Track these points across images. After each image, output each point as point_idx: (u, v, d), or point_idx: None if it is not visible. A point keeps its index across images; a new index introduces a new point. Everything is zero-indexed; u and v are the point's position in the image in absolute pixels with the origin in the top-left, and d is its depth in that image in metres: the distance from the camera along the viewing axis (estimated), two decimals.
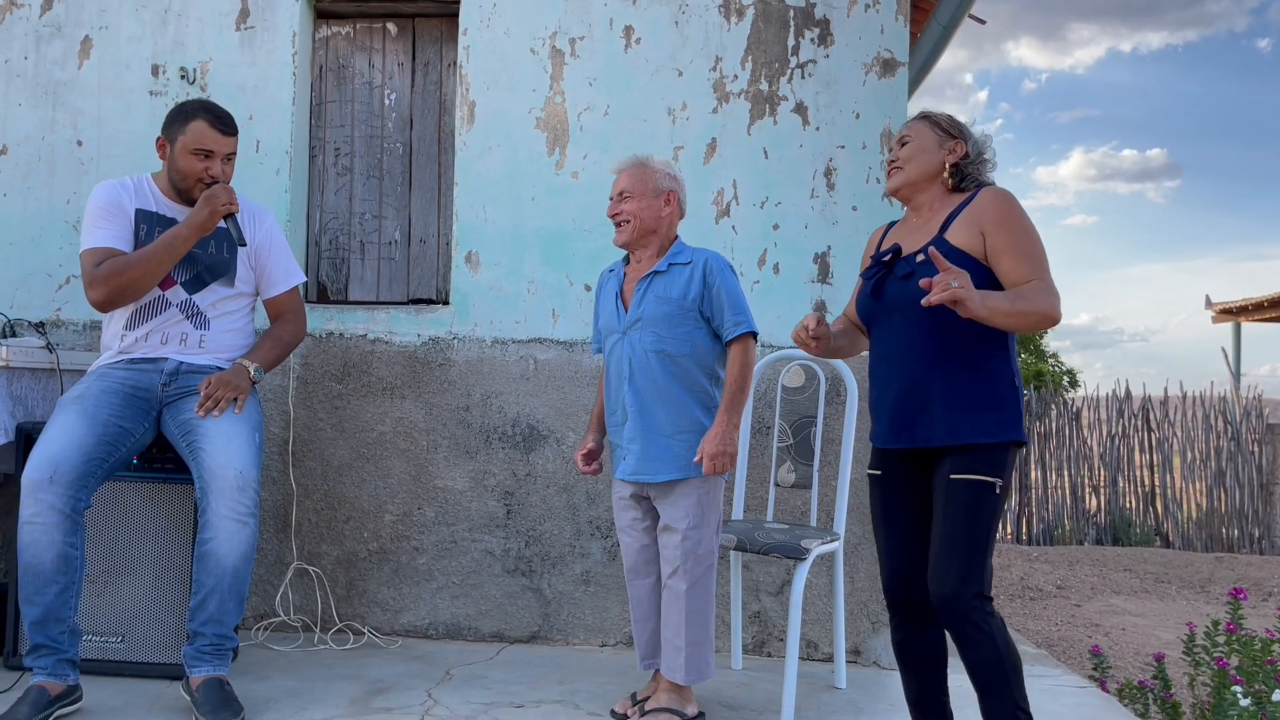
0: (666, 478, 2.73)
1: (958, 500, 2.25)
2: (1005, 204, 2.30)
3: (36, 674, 2.63)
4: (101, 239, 2.84)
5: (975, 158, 2.42)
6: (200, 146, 2.87)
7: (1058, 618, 5.64)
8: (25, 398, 3.13)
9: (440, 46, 3.89)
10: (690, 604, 2.70)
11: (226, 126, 2.93)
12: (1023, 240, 2.26)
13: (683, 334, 2.74)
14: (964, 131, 2.43)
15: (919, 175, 2.42)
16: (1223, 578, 7.09)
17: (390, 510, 3.64)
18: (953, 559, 2.23)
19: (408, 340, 3.66)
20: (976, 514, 2.24)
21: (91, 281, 2.79)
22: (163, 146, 2.95)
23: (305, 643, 3.49)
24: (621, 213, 2.81)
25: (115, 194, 2.90)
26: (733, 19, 3.62)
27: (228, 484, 2.70)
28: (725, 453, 2.65)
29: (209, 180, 2.88)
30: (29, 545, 2.61)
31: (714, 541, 2.77)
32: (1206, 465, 9.10)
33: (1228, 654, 3.46)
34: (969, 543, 2.23)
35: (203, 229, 2.82)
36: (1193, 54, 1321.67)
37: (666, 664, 2.74)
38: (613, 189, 2.86)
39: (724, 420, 2.68)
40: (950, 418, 2.28)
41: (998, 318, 2.18)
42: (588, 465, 2.92)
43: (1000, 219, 2.28)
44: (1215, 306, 14.26)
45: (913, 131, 2.45)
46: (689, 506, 2.72)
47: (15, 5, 3.79)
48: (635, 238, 2.81)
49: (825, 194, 3.58)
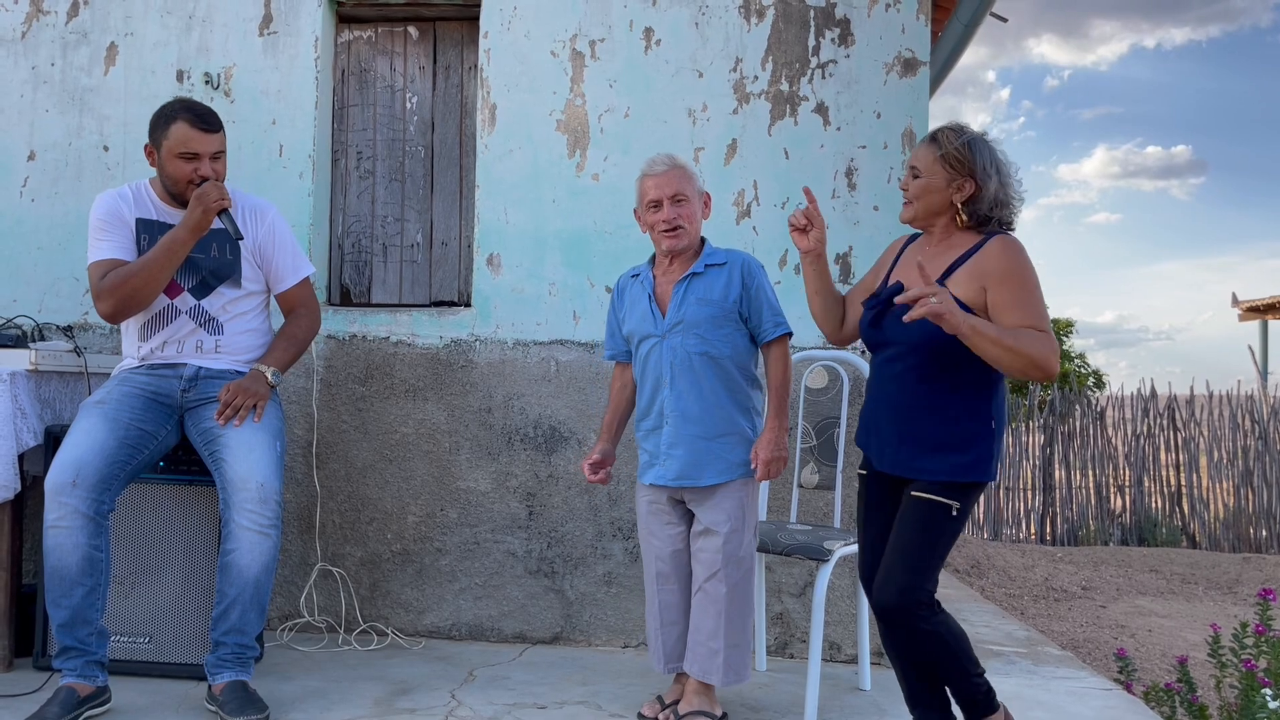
0: (712, 481, 2.72)
1: (913, 515, 2.33)
2: (1011, 259, 2.28)
3: (65, 675, 2.66)
4: (105, 251, 2.84)
5: (989, 199, 2.33)
6: (185, 150, 2.82)
7: (1083, 619, 5.60)
8: (54, 401, 3.17)
9: (461, 50, 3.90)
10: (731, 606, 2.69)
11: (209, 124, 2.86)
12: (1023, 294, 2.25)
13: (724, 335, 2.74)
14: (975, 167, 2.32)
15: (925, 213, 2.41)
16: (1250, 578, 7.02)
17: (413, 511, 3.65)
18: (897, 569, 2.31)
19: (430, 342, 3.68)
20: (929, 531, 2.31)
21: (98, 294, 2.80)
22: (150, 154, 2.91)
23: (330, 643, 3.51)
24: (679, 217, 2.75)
25: (115, 205, 2.89)
26: (753, 20, 3.62)
27: (249, 496, 2.71)
28: (779, 458, 2.69)
29: (199, 181, 2.83)
30: (54, 549, 2.64)
31: (753, 544, 2.78)
32: (1233, 465, 9.00)
33: (1256, 656, 3.43)
34: (916, 556, 2.31)
35: (199, 229, 2.78)
36: (1217, 50, 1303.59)
37: (700, 666, 2.73)
38: (655, 191, 2.76)
39: (775, 425, 2.71)
40: (919, 456, 2.34)
41: (982, 341, 2.19)
42: (595, 474, 2.87)
43: (1004, 274, 2.27)
44: (1242, 304, 14.11)
45: (922, 165, 2.38)
46: (730, 509, 2.72)
47: (42, 13, 3.84)
48: (689, 243, 2.78)
49: (846, 194, 3.57)
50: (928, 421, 2.34)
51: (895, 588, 2.29)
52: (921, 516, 2.31)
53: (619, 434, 2.96)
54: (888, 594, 2.30)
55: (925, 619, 2.28)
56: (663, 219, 2.74)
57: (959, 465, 2.31)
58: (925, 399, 2.34)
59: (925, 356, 2.32)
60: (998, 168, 2.34)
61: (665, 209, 2.74)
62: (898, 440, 2.38)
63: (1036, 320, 2.23)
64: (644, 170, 2.83)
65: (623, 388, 2.95)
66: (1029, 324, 2.22)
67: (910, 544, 2.31)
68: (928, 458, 2.33)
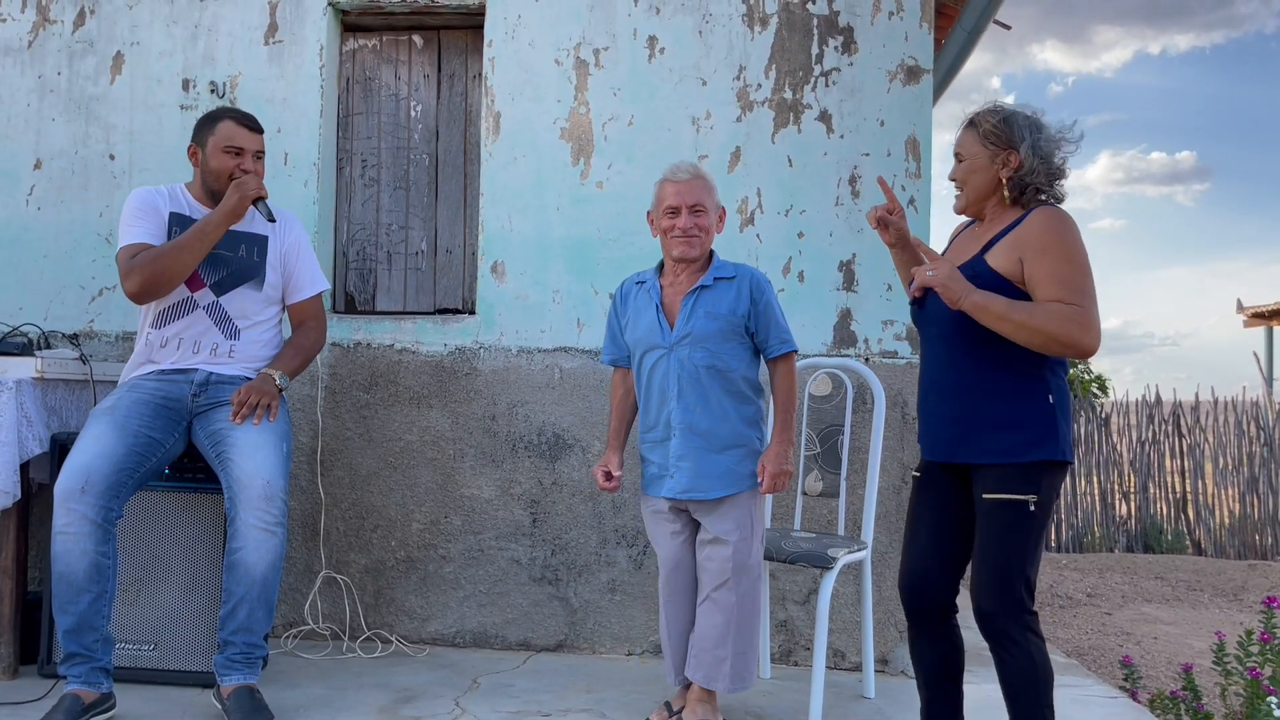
0: (720, 494, 2.72)
1: (990, 519, 2.27)
2: (1051, 229, 2.21)
3: (70, 682, 2.67)
4: (137, 235, 2.91)
5: (1034, 167, 2.28)
6: (231, 144, 2.96)
7: (1088, 626, 5.59)
8: (60, 408, 3.18)
9: (465, 58, 3.91)
10: (740, 614, 2.69)
11: (252, 125, 3.04)
12: (1061, 265, 2.18)
13: (731, 349, 2.74)
14: (1016, 137, 2.28)
15: (976, 196, 2.36)
16: (1256, 585, 6.99)
17: (418, 519, 3.66)
18: (987, 576, 2.25)
19: (434, 350, 3.69)
20: (1008, 532, 2.24)
21: (127, 273, 2.86)
22: (194, 154, 3.03)
23: (334, 651, 3.51)
24: (695, 226, 2.74)
25: (150, 197, 2.99)
26: (756, 28, 3.63)
27: (256, 494, 2.73)
28: (785, 472, 2.71)
29: (240, 175, 2.95)
30: (61, 555, 2.65)
31: (760, 552, 2.78)
32: (1239, 471, 8.97)
33: (1261, 664, 3.42)
34: (1001, 560, 2.24)
35: (234, 214, 2.89)
36: (1221, 56, 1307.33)
37: (705, 673, 2.72)
38: (675, 198, 2.74)
39: (781, 438, 2.72)
40: (974, 436, 2.28)
41: (987, 317, 2.18)
42: (608, 482, 2.86)
43: (1043, 245, 2.20)
44: (1247, 310, 14.09)
45: (964, 147, 2.36)
46: (739, 519, 2.72)
47: (49, 22, 3.85)
48: (700, 253, 2.78)
49: (850, 202, 3.57)
50: (980, 399, 2.27)
51: (990, 593, 2.23)
52: (996, 520, 2.24)
53: (625, 441, 2.96)
54: (985, 601, 2.23)
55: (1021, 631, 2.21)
56: (679, 226, 2.73)
57: (1019, 443, 2.22)
58: (973, 377, 2.28)
59: (966, 333, 2.26)
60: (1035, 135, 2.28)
61: (683, 216, 2.73)
62: (951, 422, 2.31)
63: (1070, 294, 2.15)
64: (666, 175, 2.81)
65: (625, 394, 2.94)
66: (1060, 298, 2.15)
67: (991, 549, 2.24)
68: (984, 437, 2.25)
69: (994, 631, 2.24)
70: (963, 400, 2.31)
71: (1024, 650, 2.21)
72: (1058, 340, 2.15)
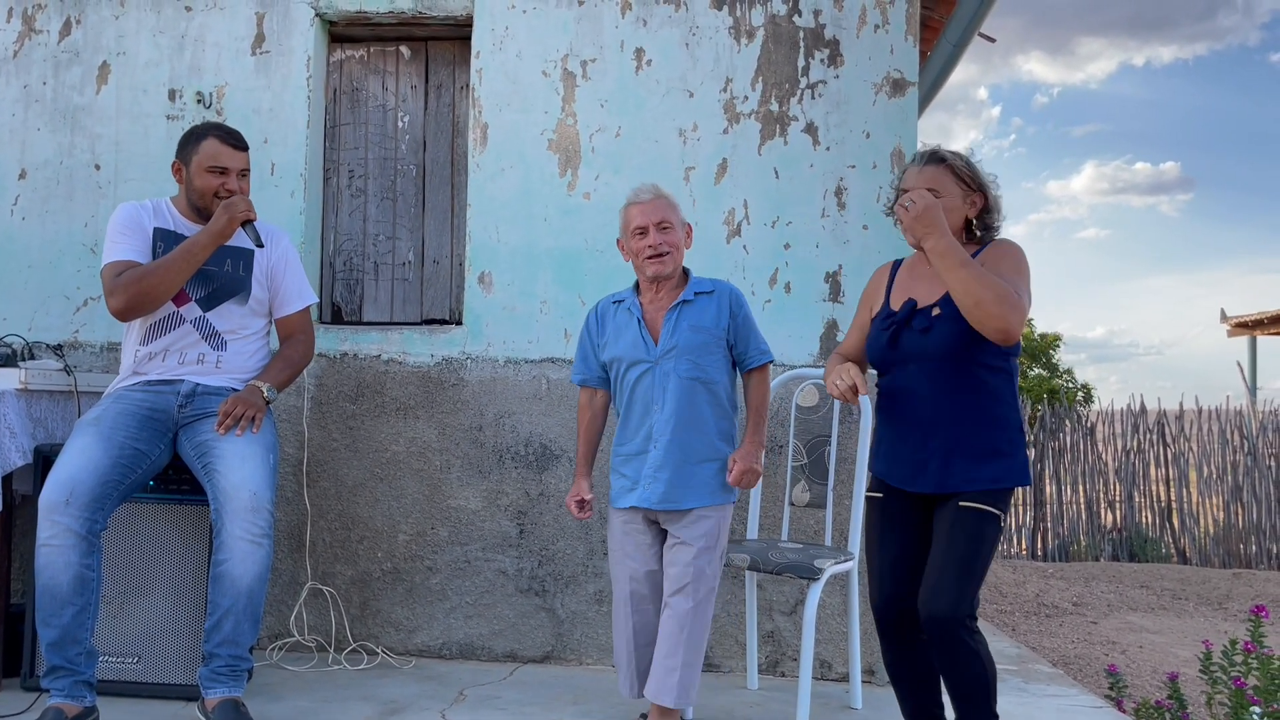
0: (694, 505, 2.77)
1: (964, 526, 2.33)
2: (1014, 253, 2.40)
3: (53, 695, 2.65)
4: (121, 252, 2.91)
5: (995, 207, 2.48)
6: (214, 163, 2.95)
7: (1073, 635, 5.60)
8: (44, 420, 3.16)
9: (453, 69, 3.92)
10: (693, 623, 2.72)
11: (237, 142, 3.02)
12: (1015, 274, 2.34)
13: (714, 361, 2.82)
14: (983, 179, 2.47)
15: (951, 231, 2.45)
16: (1240, 594, 7.03)
17: (404, 530, 3.65)
18: (951, 581, 2.30)
19: (421, 360, 3.68)
20: (979, 541, 2.32)
21: (112, 291, 2.85)
22: (178, 170, 3.03)
23: (320, 663, 3.50)
24: (664, 243, 2.82)
25: (135, 213, 2.98)
26: (743, 40, 3.64)
27: (242, 505, 2.72)
28: (754, 469, 2.77)
29: (226, 195, 2.95)
30: (46, 567, 2.63)
31: (719, 567, 2.82)
32: (1223, 480, 9.03)
33: (1245, 673, 3.43)
34: (967, 568, 2.31)
35: (221, 236, 2.88)
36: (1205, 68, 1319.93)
37: (656, 685, 2.73)
38: (641, 218, 2.83)
39: (753, 440, 2.81)
40: (968, 468, 2.35)
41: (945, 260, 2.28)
42: (583, 511, 2.92)
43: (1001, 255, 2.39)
44: (1231, 320, 14.18)
45: (938, 184, 2.43)
46: (707, 529, 2.77)
47: (34, 31, 3.84)
48: (674, 270, 2.85)
49: (836, 213, 3.59)
50: (966, 432, 2.36)
51: (949, 599, 2.28)
52: (970, 528, 2.32)
53: (593, 465, 3.01)
54: (942, 605, 2.28)
55: (971, 635, 2.28)
56: (649, 244, 2.82)
57: (1008, 471, 2.35)
58: (956, 410, 2.37)
59: (947, 367, 2.36)
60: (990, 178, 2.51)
61: (651, 235, 2.82)
62: (942, 456, 2.38)
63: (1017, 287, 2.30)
64: (629, 199, 2.91)
65: (593, 418, 2.99)
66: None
67: (960, 555, 2.31)
68: (976, 468, 2.35)
69: (947, 634, 2.28)
70: (951, 435, 2.37)
71: (973, 652, 2.28)
72: (990, 309, 2.24)
